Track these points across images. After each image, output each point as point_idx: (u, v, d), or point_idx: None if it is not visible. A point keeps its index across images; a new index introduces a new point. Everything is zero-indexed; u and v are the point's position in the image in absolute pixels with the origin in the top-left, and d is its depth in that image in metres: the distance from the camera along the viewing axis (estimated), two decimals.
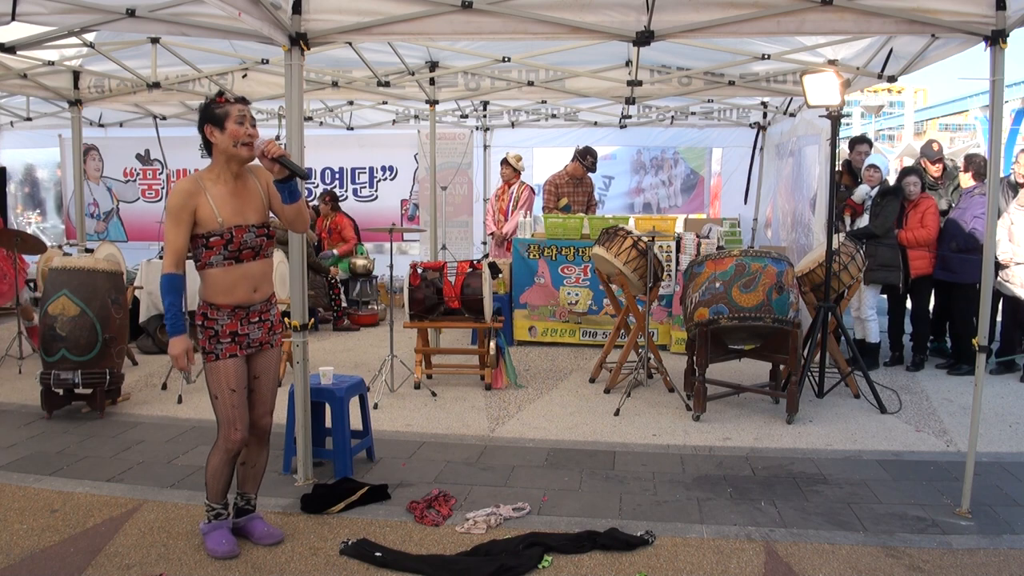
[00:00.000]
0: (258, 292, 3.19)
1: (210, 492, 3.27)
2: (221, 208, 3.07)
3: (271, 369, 3.30)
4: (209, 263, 3.09)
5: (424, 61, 6.73)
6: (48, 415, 5.12)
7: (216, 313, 3.12)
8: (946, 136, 36.61)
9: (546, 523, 3.53)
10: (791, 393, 5.07)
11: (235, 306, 3.14)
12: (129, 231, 10.63)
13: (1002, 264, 6.11)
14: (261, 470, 3.42)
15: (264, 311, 3.24)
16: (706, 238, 7.15)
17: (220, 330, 3.12)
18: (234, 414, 3.15)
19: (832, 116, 5.38)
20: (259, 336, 3.22)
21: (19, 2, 3.93)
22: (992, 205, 3.60)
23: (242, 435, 3.18)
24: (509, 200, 8.25)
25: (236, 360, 3.15)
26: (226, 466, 3.23)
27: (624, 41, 4.18)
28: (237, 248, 3.09)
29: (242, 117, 3.07)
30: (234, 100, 3.11)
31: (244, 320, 3.16)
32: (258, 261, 3.17)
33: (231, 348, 3.13)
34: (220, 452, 3.20)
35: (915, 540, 3.39)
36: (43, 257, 6.73)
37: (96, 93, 6.84)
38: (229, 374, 3.12)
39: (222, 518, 3.30)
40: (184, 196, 3.04)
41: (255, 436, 3.31)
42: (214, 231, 3.06)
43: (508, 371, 6.00)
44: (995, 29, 3.55)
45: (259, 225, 3.16)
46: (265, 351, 3.26)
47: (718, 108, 9.31)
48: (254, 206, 3.17)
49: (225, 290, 3.11)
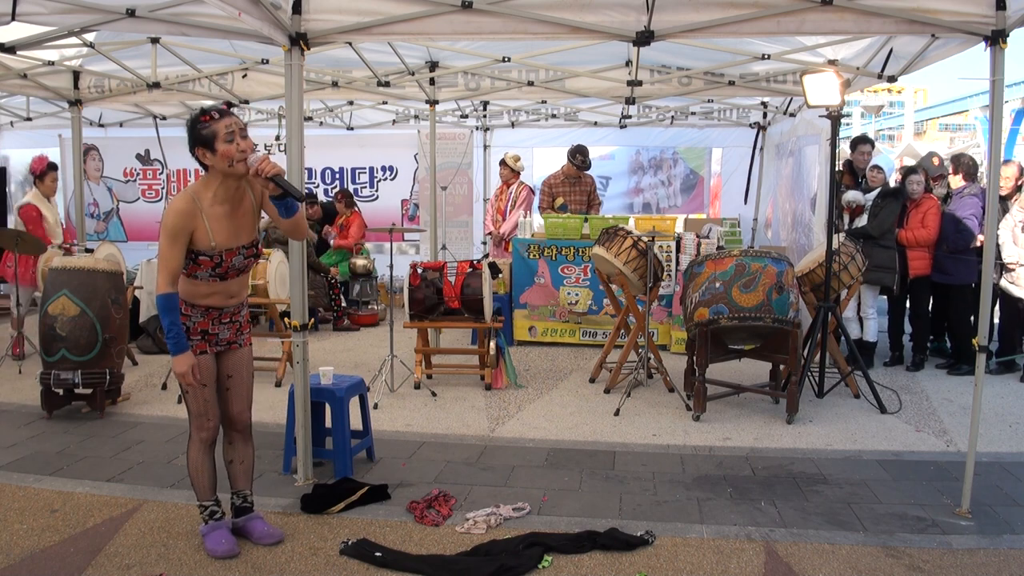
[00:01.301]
0: (233, 299, 3.25)
1: (198, 490, 3.29)
2: (216, 232, 3.06)
3: (243, 367, 3.33)
4: (194, 276, 3.10)
5: (424, 61, 6.73)
6: (48, 415, 5.12)
7: (190, 310, 3.15)
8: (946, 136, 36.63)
9: (546, 523, 3.53)
10: (791, 393, 5.07)
11: (208, 307, 3.18)
12: (129, 231, 10.63)
13: (1008, 267, 6.11)
14: (250, 465, 3.44)
15: (235, 312, 3.28)
16: (706, 238, 7.15)
17: (192, 327, 3.16)
18: (205, 407, 3.22)
19: (832, 116, 5.38)
20: (228, 336, 3.27)
21: (19, 2, 3.92)
22: (992, 205, 3.60)
23: (214, 423, 3.24)
24: (507, 200, 8.25)
25: (206, 356, 3.19)
26: (204, 456, 3.26)
27: (624, 41, 4.18)
28: (224, 271, 3.13)
29: (231, 133, 2.96)
30: (219, 115, 2.98)
31: (216, 320, 3.21)
32: (241, 277, 3.23)
33: (201, 345, 3.18)
34: (195, 443, 3.24)
35: (915, 540, 3.39)
36: (43, 257, 6.73)
37: (96, 93, 6.84)
38: (200, 369, 3.14)
39: (217, 516, 3.31)
40: (181, 217, 2.99)
41: (238, 432, 3.35)
42: (205, 251, 3.05)
43: (508, 371, 6.00)
44: (995, 29, 3.55)
45: (248, 245, 3.18)
46: (234, 350, 3.31)
47: (718, 108, 9.31)
48: (247, 227, 3.18)
49: (201, 295, 3.16)
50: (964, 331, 6.40)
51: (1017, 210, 6.14)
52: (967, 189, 6.45)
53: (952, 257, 6.24)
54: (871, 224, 6.31)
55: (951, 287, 6.39)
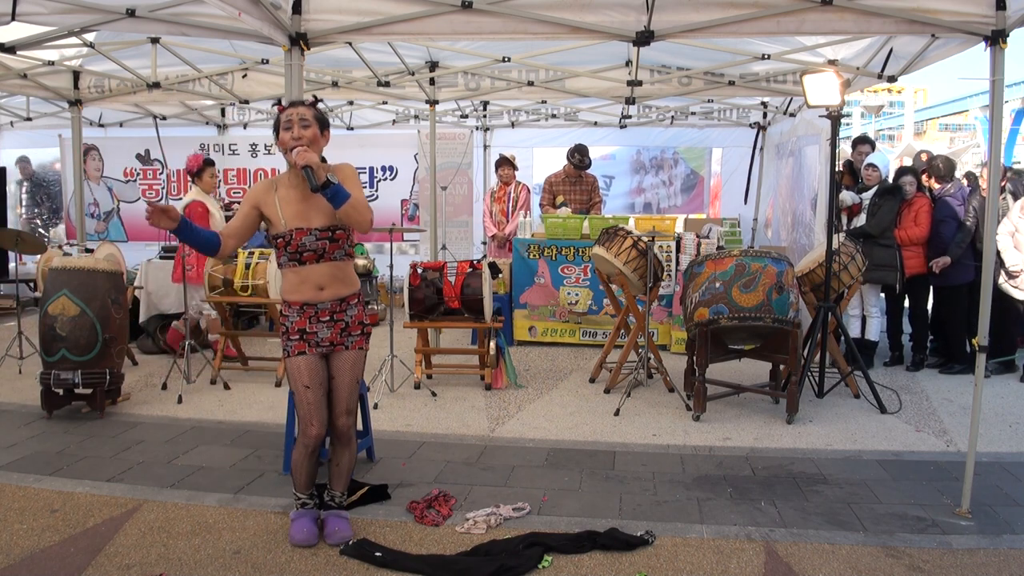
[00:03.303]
0: (325, 291, 3.24)
1: (294, 483, 3.39)
2: (285, 210, 3.19)
3: (345, 371, 3.31)
4: (280, 263, 3.25)
5: (424, 61, 6.73)
6: (48, 415, 5.12)
7: (288, 310, 3.26)
8: (946, 136, 36.62)
9: (546, 523, 3.53)
10: (791, 393, 5.07)
11: (303, 303, 3.23)
12: (130, 231, 10.62)
13: (1012, 274, 6.11)
14: (345, 470, 3.44)
15: (337, 311, 3.27)
16: (706, 238, 7.15)
17: (290, 327, 3.24)
18: (309, 411, 3.23)
19: (832, 116, 5.38)
20: (329, 336, 3.26)
21: (19, 2, 3.93)
22: (992, 205, 3.60)
23: (317, 431, 3.24)
24: (509, 201, 8.25)
25: (306, 357, 3.22)
26: (305, 459, 3.31)
27: (624, 41, 4.18)
28: (296, 250, 3.17)
29: (288, 122, 3.15)
30: (288, 104, 3.23)
31: (313, 319, 3.23)
32: (322, 264, 3.22)
33: (299, 346, 3.22)
34: (299, 447, 3.30)
35: (915, 540, 3.39)
36: (43, 257, 6.73)
37: (96, 93, 6.85)
38: (301, 371, 3.21)
39: (308, 507, 3.39)
40: (256, 190, 3.27)
41: (335, 436, 3.37)
42: (279, 233, 3.19)
43: (508, 371, 6.00)
44: (995, 29, 3.56)
45: (323, 228, 3.19)
46: (339, 352, 3.30)
47: (718, 108, 9.31)
48: (320, 212, 3.20)
49: (292, 288, 3.24)
50: (955, 330, 6.41)
51: (1019, 216, 6.12)
52: (944, 190, 6.45)
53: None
54: (870, 223, 6.31)
55: (944, 288, 6.40)
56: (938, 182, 6.53)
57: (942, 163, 6.61)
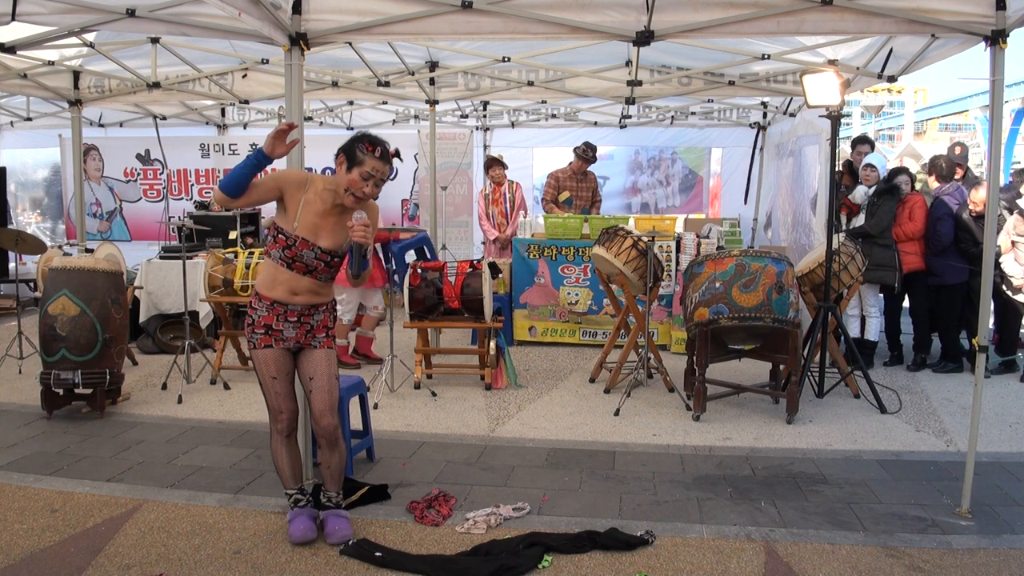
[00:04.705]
0: (298, 297, 3.28)
1: (281, 478, 3.44)
2: (303, 215, 3.19)
3: (322, 369, 3.34)
4: (270, 252, 3.26)
5: (424, 61, 6.73)
6: (48, 415, 5.12)
7: (258, 303, 3.29)
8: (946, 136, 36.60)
9: (546, 523, 3.53)
10: (791, 393, 5.07)
11: (274, 301, 3.26)
12: (133, 231, 10.62)
13: (1016, 288, 6.11)
14: (337, 470, 3.46)
15: (305, 314, 3.31)
16: (706, 238, 7.14)
17: (257, 320, 3.28)
18: (278, 400, 3.32)
19: (832, 116, 5.38)
20: (294, 336, 3.30)
21: (19, 2, 3.93)
22: (992, 206, 3.60)
23: (287, 417, 3.34)
24: (505, 202, 8.25)
25: (273, 350, 3.28)
26: (281, 447, 3.38)
27: (624, 41, 4.18)
28: (292, 256, 3.20)
29: (372, 175, 3.13)
30: (378, 155, 3.14)
31: (281, 317, 3.27)
32: (307, 278, 3.25)
33: (265, 339, 3.28)
34: (273, 435, 3.39)
35: (915, 540, 3.39)
36: (43, 257, 6.72)
37: (96, 93, 6.84)
38: (268, 363, 3.27)
39: (301, 504, 3.42)
40: (289, 177, 3.23)
41: (321, 437, 3.38)
42: (285, 231, 3.19)
43: (508, 371, 6.00)
44: (995, 29, 3.55)
45: (325, 251, 3.22)
46: (308, 351, 3.34)
47: (718, 108, 9.31)
48: (332, 235, 3.24)
49: (268, 282, 3.27)
50: (950, 329, 6.42)
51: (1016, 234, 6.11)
52: (943, 189, 6.49)
53: (939, 260, 6.26)
54: (869, 223, 6.31)
55: (940, 288, 6.41)
56: (938, 180, 6.56)
57: (945, 163, 6.66)
